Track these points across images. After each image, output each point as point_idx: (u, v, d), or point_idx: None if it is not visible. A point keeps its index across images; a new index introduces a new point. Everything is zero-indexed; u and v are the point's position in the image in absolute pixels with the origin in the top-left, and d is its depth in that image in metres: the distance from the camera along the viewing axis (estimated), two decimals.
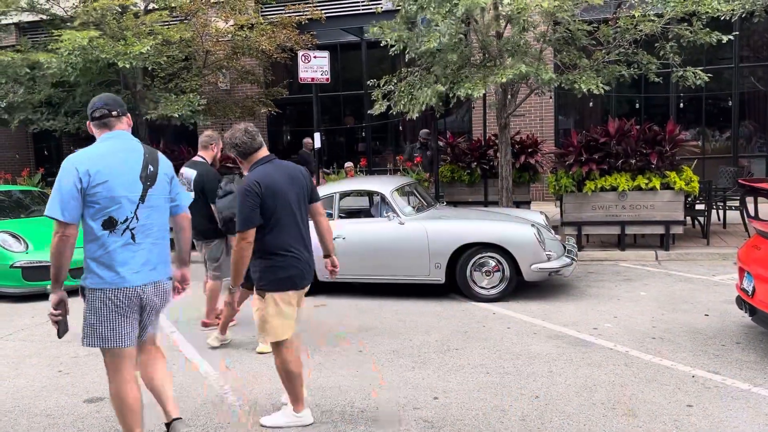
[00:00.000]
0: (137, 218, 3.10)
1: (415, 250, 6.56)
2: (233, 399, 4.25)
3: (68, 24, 10.35)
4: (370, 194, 7.78)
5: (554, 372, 4.47)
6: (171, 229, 3.40)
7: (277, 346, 3.66)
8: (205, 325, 5.96)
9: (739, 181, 5.61)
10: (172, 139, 13.51)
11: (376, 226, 6.84)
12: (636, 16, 7.93)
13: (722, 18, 7.89)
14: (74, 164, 3.01)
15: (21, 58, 10.01)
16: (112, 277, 3.06)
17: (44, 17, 11.38)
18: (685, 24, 8.11)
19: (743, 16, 8.14)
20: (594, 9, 8.30)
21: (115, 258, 3.05)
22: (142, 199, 3.11)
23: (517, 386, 4.25)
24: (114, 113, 3.19)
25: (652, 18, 7.96)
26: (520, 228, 6.46)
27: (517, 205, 9.72)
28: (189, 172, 5.84)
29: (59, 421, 4.03)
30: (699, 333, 5.19)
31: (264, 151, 3.67)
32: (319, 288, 7.04)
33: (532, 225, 6.49)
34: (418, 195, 7.53)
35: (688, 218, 9.03)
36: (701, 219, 9.05)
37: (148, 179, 3.14)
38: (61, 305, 3.10)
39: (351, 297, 6.90)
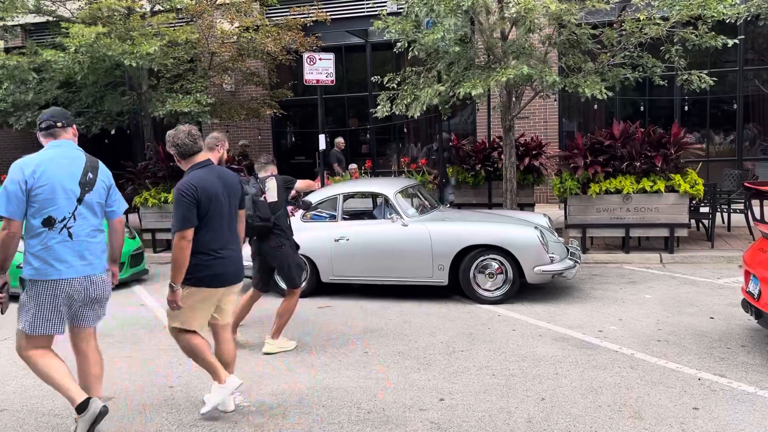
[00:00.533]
0: (74, 218, 3.50)
1: (419, 252, 6.57)
2: (240, 399, 4.26)
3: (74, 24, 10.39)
4: (373, 196, 7.80)
5: (560, 374, 4.48)
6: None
7: (180, 331, 3.88)
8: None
9: (745, 184, 5.62)
10: None
11: (380, 227, 6.85)
12: (641, 19, 7.94)
13: (727, 21, 7.89)
14: (21, 167, 3.42)
15: (27, 61, 10.03)
16: (50, 270, 3.44)
17: (50, 19, 11.42)
18: (691, 27, 8.12)
19: (748, 19, 8.14)
20: (599, 12, 8.31)
21: (53, 253, 3.44)
22: (80, 201, 3.51)
23: (523, 388, 4.26)
24: (59, 124, 3.62)
25: (658, 21, 7.97)
26: (523, 230, 6.48)
27: (522, 207, 9.73)
28: None
29: (67, 420, 4.05)
30: (704, 336, 5.20)
31: (203, 156, 3.87)
32: (324, 289, 7.08)
33: (535, 227, 6.50)
34: (421, 197, 7.55)
35: (693, 221, 9.03)
36: (706, 222, 9.05)
37: (87, 185, 3.54)
38: (5, 288, 3.51)
39: (356, 298, 6.91)
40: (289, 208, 5.59)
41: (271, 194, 5.10)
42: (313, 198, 6.93)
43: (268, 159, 5.30)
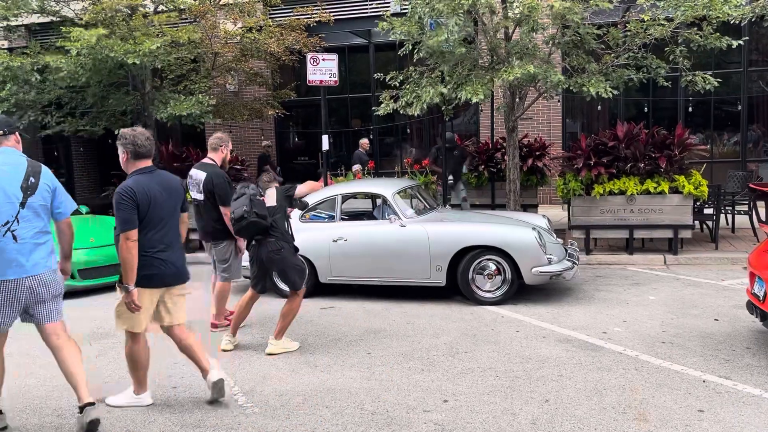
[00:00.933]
0: (18, 221, 3.65)
1: (416, 253, 6.56)
2: (243, 400, 4.26)
3: (78, 24, 10.40)
4: (372, 197, 7.79)
5: (564, 376, 4.47)
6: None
7: (129, 334, 4.09)
8: (214, 326, 5.98)
9: (750, 185, 5.60)
10: (180, 142, 13.55)
11: (378, 228, 6.85)
12: (646, 20, 7.92)
13: (732, 22, 7.87)
14: None
15: (30, 62, 10.03)
16: None
17: (54, 19, 11.44)
18: (695, 28, 8.10)
19: (753, 20, 8.12)
20: (603, 13, 8.29)
21: None
22: (23, 205, 3.66)
23: (527, 390, 4.25)
24: (0, 132, 3.78)
25: (662, 22, 7.95)
26: (520, 231, 6.46)
27: (525, 208, 9.70)
28: (198, 174, 5.86)
29: (70, 421, 4.05)
30: (709, 338, 5.18)
31: (148, 162, 4.06)
32: (326, 290, 7.08)
33: (533, 228, 6.48)
34: (420, 198, 7.56)
35: (697, 222, 9.00)
36: (710, 223, 9.02)
37: (29, 189, 3.69)
38: None
39: (358, 299, 6.90)
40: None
41: (270, 200, 5.14)
42: (311, 199, 6.94)
43: (270, 177, 5.36)
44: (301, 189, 5.34)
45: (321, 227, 7.06)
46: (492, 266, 6.44)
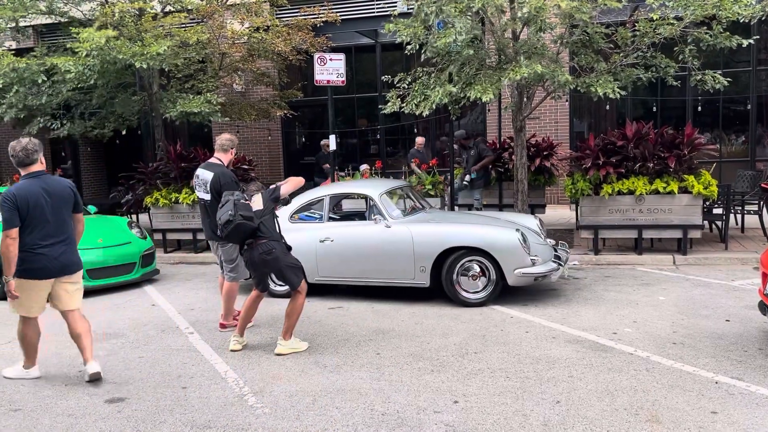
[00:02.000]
0: None
1: (401, 254, 6.54)
2: (254, 401, 4.25)
3: (86, 26, 10.42)
4: (359, 197, 7.78)
5: (575, 377, 4.44)
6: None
7: (22, 318, 4.66)
8: (222, 326, 5.98)
9: (762, 185, 5.56)
10: (187, 142, 13.58)
11: (364, 229, 6.84)
12: (655, 19, 7.88)
13: (741, 21, 7.82)
14: None
15: (37, 63, 10.04)
16: None
17: (62, 20, 11.47)
18: (705, 27, 8.05)
19: (762, 18, 8.07)
20: (611, 12, 8.25)
21: None
22: None
23: (538, 391, 4.23)
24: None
25: (671, 21, 7.90)
26: (503, 232, 6.41)
27: (532, 208, 9.67)
28: (205, 174, 5.86)
29: (81, 421, 4.05)
30: (721, 338, 5.14)
31: (36, 167, 4.49)
32: (334, 290, 7.09)
33: (517, 229, 6.43)
34: (412, 198, 7.56)
35: (706, 222, 8.95)
36: (719, 223, 8.97)
37: None
38: None
39: (367, 299, 6.89)
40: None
41: (257, 204, 5.19)
42: (301, 200, 7.16)
43: (257, 186, 5.47)
44: (285, 188, 5.35)
45: (309, 228, 7.07)
46: (476, 267, 6.41)
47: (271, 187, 5.39)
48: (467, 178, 9.93)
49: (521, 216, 7.76)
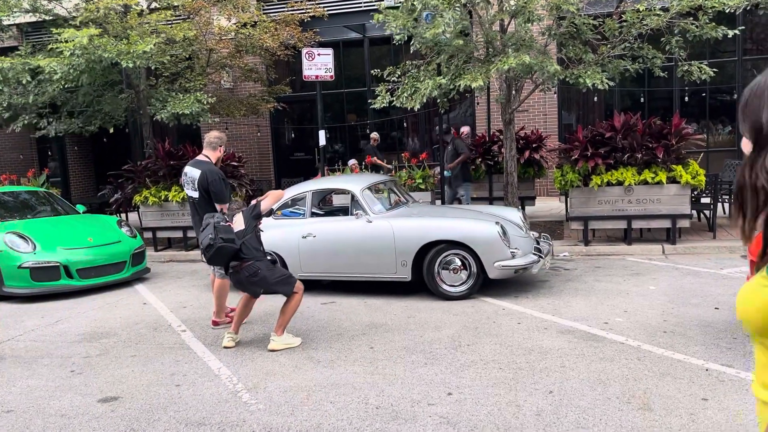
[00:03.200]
0: None
1: (382, 248, 6.57)
2: (247, 397, 4.25)
3: (70, 23, 10.32)
4: (341, 192, 7.77)
5: (567, 367, 4.48)
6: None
7: None
8: (215, 324, 5.97)
9: None
10: (176, 140, 13.50)
11: (345, 224, 6.85)
12: (641, 10, 7.92)
13: (727, 11, 7.87)
14: None
15: (21, 62, 9.93)
16: None
17: (47, 18, 11.35)
18: (691, 18, 8.09)
19: (747, 8, 8.13)
20: (599, 3, 8.29)
21: None
22: None
23: (531, 381, 4.26)
24: None
25: (658, 12, 7.94)
26: (483, 226, 6.42)
27: (523, 200, 9.71)
28: (193, 172, 5.84)
29: (74, 421, 4.04)
30: (710, 326, 5.19)
31: None
32: (323, 285, 7.06)
33: (496, 222, 6.44)
34: (396, 193, 7.58)
35: (694, 212, 9.02)
36: (707, 212, 9.05)
37: None
38: None
39: (359, 294, 6.90)
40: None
41: (239, 224, 5.19)
42: (288, 194, 7.14)
43: (238, 206, 5.50)
44: (265, 203, 5.33)
45: (291, 224, 7.07)
46: (457, 261, 6.44)
47: (252, 203, 5.39)
48: (446, 173, 9.96)
49: (504, 209, 7.77)
